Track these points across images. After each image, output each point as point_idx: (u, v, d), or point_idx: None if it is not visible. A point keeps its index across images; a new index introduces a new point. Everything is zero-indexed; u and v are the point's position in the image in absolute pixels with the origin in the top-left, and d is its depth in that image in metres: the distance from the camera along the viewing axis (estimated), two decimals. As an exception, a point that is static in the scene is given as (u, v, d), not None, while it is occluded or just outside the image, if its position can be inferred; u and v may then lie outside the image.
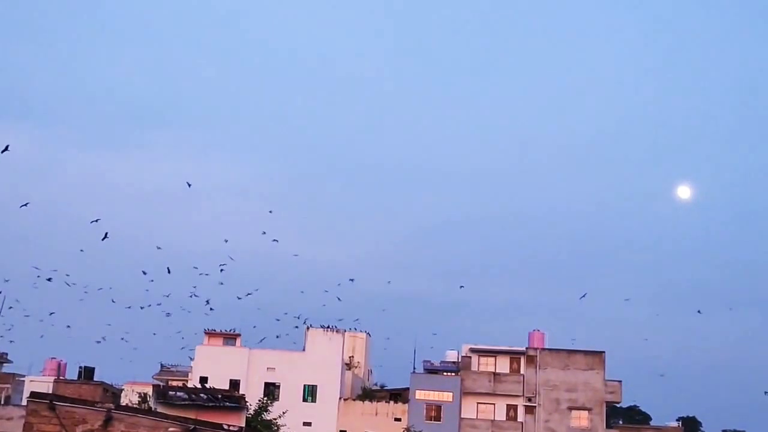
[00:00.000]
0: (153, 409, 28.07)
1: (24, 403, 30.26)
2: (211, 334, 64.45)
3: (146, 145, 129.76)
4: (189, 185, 41.03)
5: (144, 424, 15.76)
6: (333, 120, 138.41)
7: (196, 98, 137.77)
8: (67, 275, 45.35)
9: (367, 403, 63.26)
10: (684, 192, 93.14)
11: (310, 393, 62.50)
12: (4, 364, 64.30)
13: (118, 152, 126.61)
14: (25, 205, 36.25)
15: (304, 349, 64.03)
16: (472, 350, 64.28)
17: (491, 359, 64.27)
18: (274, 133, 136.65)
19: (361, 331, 70.89)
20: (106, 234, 35.53)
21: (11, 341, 57.54)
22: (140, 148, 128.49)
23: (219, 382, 52.68)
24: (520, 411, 62.96)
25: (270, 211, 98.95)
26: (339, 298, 57.90)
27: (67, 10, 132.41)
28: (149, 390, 42.72)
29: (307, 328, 64.04)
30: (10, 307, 43.72)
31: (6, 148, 31.92)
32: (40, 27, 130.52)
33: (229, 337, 64.97)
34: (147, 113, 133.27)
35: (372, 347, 73.36)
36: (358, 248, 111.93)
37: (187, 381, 57.79)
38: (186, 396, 31.57)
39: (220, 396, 32.40)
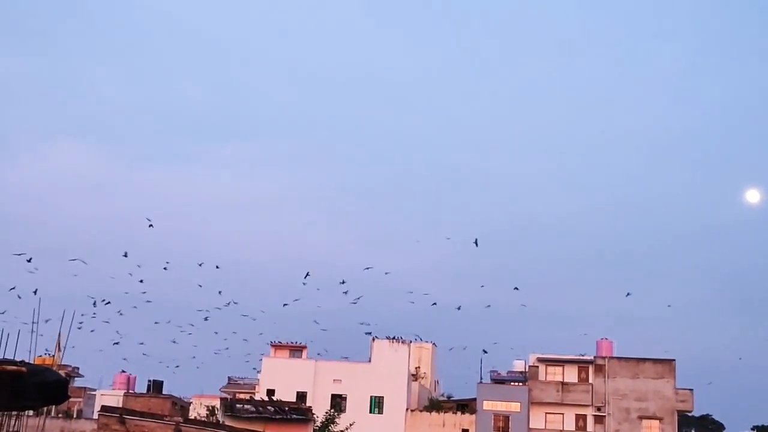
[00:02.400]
0: (221, 421, 28.17)
1: (95, 416, 30.62)
2: (277, 346, 64.71)
3: (207, 158, 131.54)
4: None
5: (212, 437, 15.66)
6: (388, 129, 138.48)
7: (255, 112, 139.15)
8: (143, 292, 45.90)
9: (434, 414, 62.78)
10: (753, 196, 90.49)
11: (376, 404, 62.28)
12: (76, 378, 65.44)
13: (179, 166, 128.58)
14: (150, 224, 36.69)
15: (370, 361, 63.89)
16: (540, 360, 63.42)
17: (559, 368, 63.34)
18: (331, 144, 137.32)
19: (426, 342, 70.51)
20: (150, 223, 35.55)
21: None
22: (200, 162, 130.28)
23: (286, 394, 52.87)
24: (590, 421, 61.85)
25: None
26: (412, 302, 57.13)
27: (131, 32, 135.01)
28: (217, 403, 43.07)
29: (373, 339, 63.91)
30: (92, 315, 44.38)
31: None
32: (106, 47, 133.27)
33: (295, 349, 65.15)
34: (207, 128, 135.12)
35: (438, 357, 72.90)
36: (418, 257, 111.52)
37: (254, 393, 58.11)
38: (253, 408, 31.68)
39: (287, 408, 32.43)
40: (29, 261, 32.01)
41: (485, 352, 65.17)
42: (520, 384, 63.53)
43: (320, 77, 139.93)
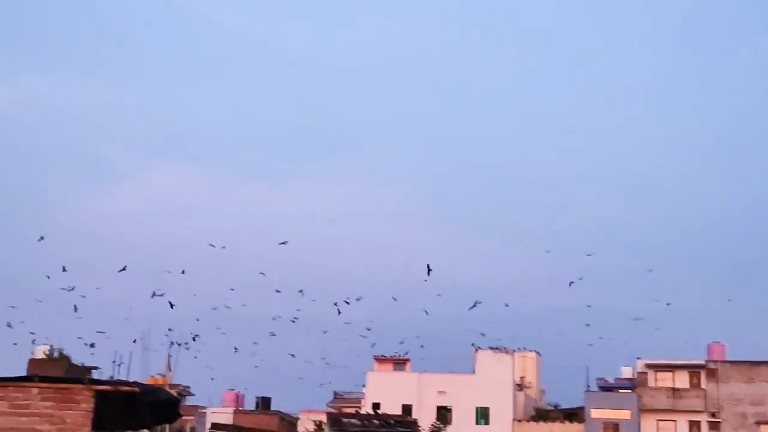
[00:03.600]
0: (327, 436, 28.50)
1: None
2: (380, 359, 65.00)
3: (299, 175, 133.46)
4: (213, 246, 37.79)
5: (319, 451, 15.86)
6: (480, 136, 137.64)
7: (343, 127, 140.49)
8: (244, 305, 46.82)
9: (541, 423, 61.99)
10: None
11: (482, 415, 61.93)
12: (187, 397, 67.13)
13: (271, 184, 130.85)
14: (285, 243, 37.56)
15: (473, 372, 63.60)
16: (648, 365, 61.91)
17: (669, 374, 61.72)
18: (421, 154, 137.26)
19: (530, 351, 69.74)
20: (222, 246, 36.07)
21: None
22: (295, 179, 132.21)
23: (391, 407, 53.10)
24: (704, 427, 59.98)
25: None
26: (507, 304, 56.47)
27: (220, 56, 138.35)
28: (324, 418, 43.61)
29: (476, 350, 63.61)
30: (195, 337, 45.54)
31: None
32: (197, 73, 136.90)
33: (399, 362, 65.33)
34: (298, 145, 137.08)
35: (543, 366, 72.01)
36: (514, 265, 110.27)
37: (360, 408, 58.50)
38: (359, 422, 31.96)
39: (392, 421, 32.59)
40: (123, 269, 32.96)
41: (590, 345, 63.87)
42: (629, 391, 62.14)
43: (405, 89, 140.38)
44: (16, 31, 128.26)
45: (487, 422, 61.73)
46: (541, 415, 64.85)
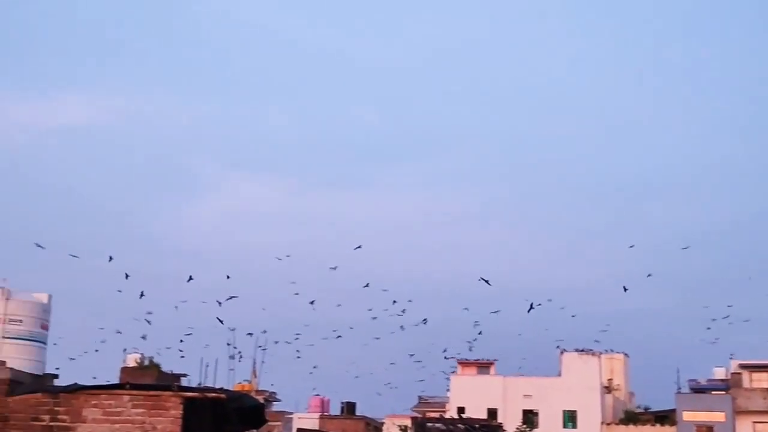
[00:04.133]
0: (413, 441, 28.48)
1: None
2: (464, 363, 64.68)
3: (383, 181, 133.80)
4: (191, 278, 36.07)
5: (404, 456, 15.87)
6: (561, 137, 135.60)
7: (427, 132, 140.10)
8: (312, 304, 46.75)
9: (631, 426, 60.78)
10: None
11: (570, 419, 61.10)
12: (274, 403, 67.98)
13: (355, 191, 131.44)
14: (359, 247, 37.88)
15: (559, 374, 62.79)
16: (743, 366, 60.10)
17: (764, 374, 59.83)
18: (506, 157, 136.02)
19: (618, 353, 68.45)
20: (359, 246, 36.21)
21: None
22: (377, 185, 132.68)
23: (476, 411, 52.77)
24: (803, 429, 57.94)
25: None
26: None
27: (298, 67, 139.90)
28: (408, 422, 43.63)
29: (561, 352, 62.80)
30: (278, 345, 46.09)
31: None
32: (276, 85, 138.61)
33: (483, 366, 64.91)
34: (382, 151, 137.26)
35: (631, 368, 70.60)
36: (597, 267, 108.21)
37: (444, 412, 58.32)
38: (443, 427, 31.86)
39: (477, 425, 32.40)
40: (190, 279, 33.38)
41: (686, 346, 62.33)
42: (723, 392, 60.41)
43: (488, 92, 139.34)
44: (100, 46, 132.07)
45: (574, 426, 60.88)
46: (631, 418, 63.58)
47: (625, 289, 44.32)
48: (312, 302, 40.25)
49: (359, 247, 37.42)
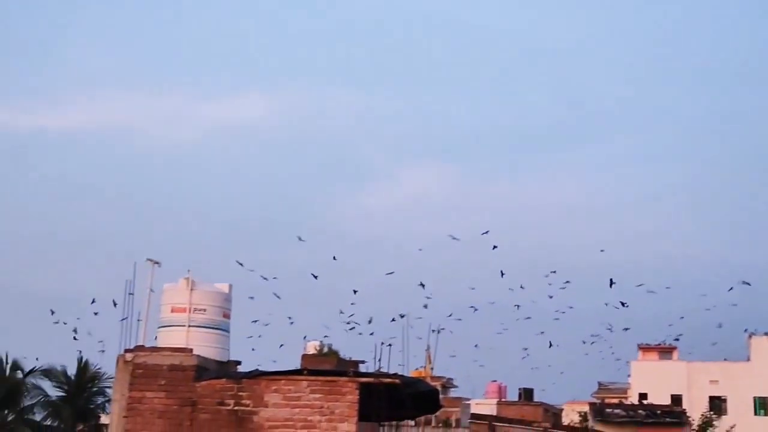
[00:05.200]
0: (590, 427, 27.95)
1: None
2: (645, 348, 62.96)
3: (553, 166, 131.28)
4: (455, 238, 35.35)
5: (581, 442, 15.65)
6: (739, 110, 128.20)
7: (595, 114, 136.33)
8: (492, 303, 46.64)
9: (830, 414, 57.22)
10: None
11: (761, 405, 58.34)
12: (451, 389, 68.41)
13: (526, 177, 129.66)
14: (486, 232, 37.58)
15: (748, 359, 60.00)
16: None
17: None
18: (680, 136, 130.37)
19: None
20: (495, 246, 35.28)
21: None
22: (540, 171, 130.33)
23: (658, 397, 51.21)
24: None
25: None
26: None
27: (471, 58, 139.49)
28: (588, 409, 42.86)
29: (750, 336, 59.95)
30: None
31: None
32: (450, 78, 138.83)
33: (665, 351, 62.93)
34: (551, 136, 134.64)
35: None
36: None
37: (625, 398, 56.99)
38: (623, 413, 31.17)
39: (659, 412, 31.48)
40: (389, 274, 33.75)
41: None
42: None
43: (654, 70, 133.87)
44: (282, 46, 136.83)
45: (767, 413, 58.04)
46: (829, 404, 59.90)
47: None
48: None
49: (486, 232, 36.38)
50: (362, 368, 26.80)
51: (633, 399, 52.92)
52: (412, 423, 34.58)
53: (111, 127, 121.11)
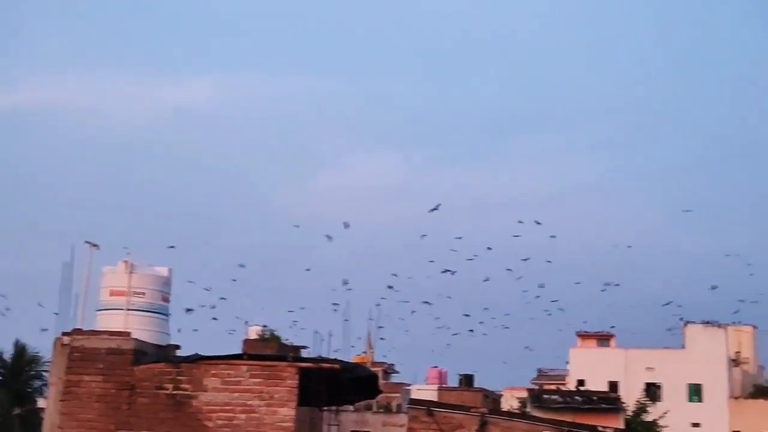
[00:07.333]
0: (527, 413, 28.39)
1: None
2: (583, 335, 63.93)
3: (506, 153, 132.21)
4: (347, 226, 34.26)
5: (519, 427, 15.93)
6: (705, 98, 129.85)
7: (552, 103, 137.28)
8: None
9: (761, 401, 58.73)
10: None
11: (695, 392, 59.67)
12: (392, 375, 68.89)
13: (476, 164, 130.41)
14: (435, 208, 37.33)
15: (683, 347, 61.30)
16: None
17: None
18: (647, 125, 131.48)
19: (745, 325, 66.13)
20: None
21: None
22: (500, 157, 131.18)
23: (596, 384, 52.04)
24: None
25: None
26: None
27: (422, 40, 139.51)
28: (526, 394, 43.46)
29: (685, 324, 61.24)
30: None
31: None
32: (399, 60, 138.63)
33: (603, 338, 63.99)
34: (504, 123, 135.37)
35: (761, 341, 68.14)
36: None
37: (564, 384, 57.85)
38: (560, 399, 31.74)
39: (595, 398, 32.13)
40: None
41: None
42: None
43: (622, 60, 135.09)
44: (224, 28, 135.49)
45: (700, 399, 59.39)
46: (763, 391, 61.53)
47: None
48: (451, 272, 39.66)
49: (436, 208, 36.00)
50: (304, 353, 26.92)
51: (571, 385, 53.68)
52: (352, 408, 34.76)
53: (61, 108, 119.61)
